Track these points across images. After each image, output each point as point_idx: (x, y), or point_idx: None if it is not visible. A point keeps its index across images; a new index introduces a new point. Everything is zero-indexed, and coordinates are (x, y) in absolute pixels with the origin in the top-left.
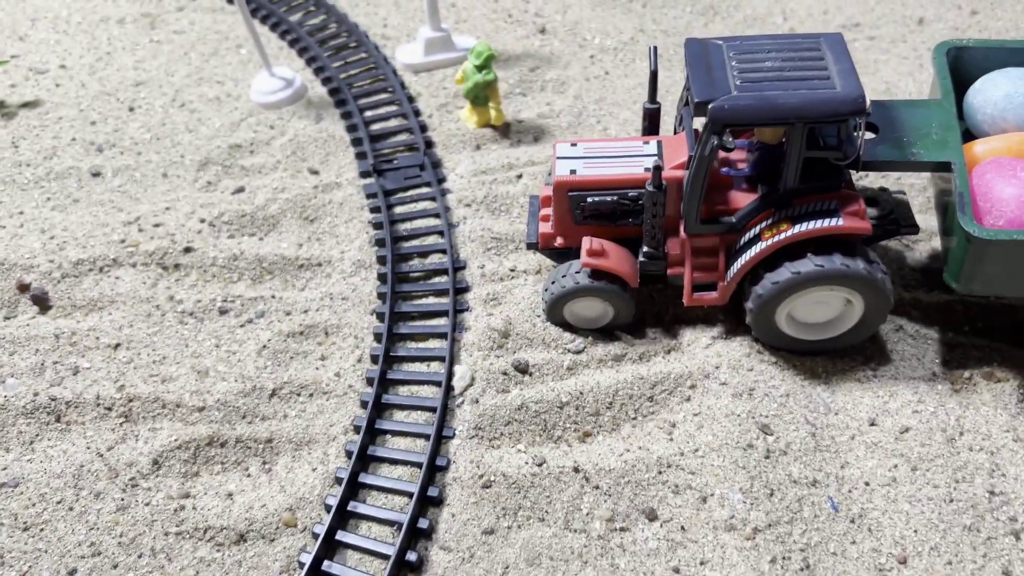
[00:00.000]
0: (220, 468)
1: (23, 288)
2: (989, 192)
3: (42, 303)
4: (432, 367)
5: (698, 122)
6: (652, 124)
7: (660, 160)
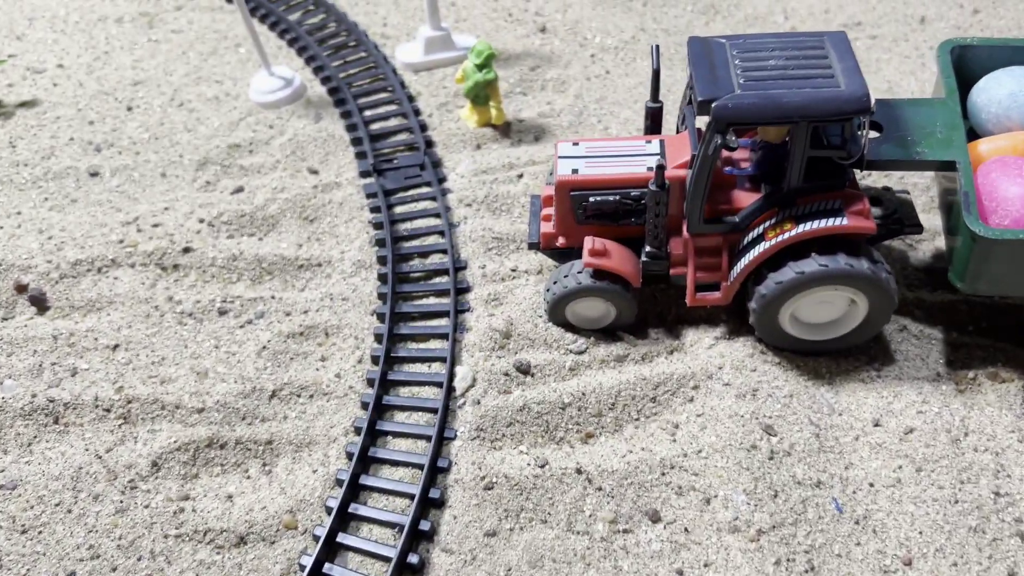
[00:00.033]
0: (220, 470)
1: (21, 289)
2: (994, 191)
3: (40, 304)
4: (433, 368)
5: (701, 121)
6: (654, 123)
7: (663, 159)
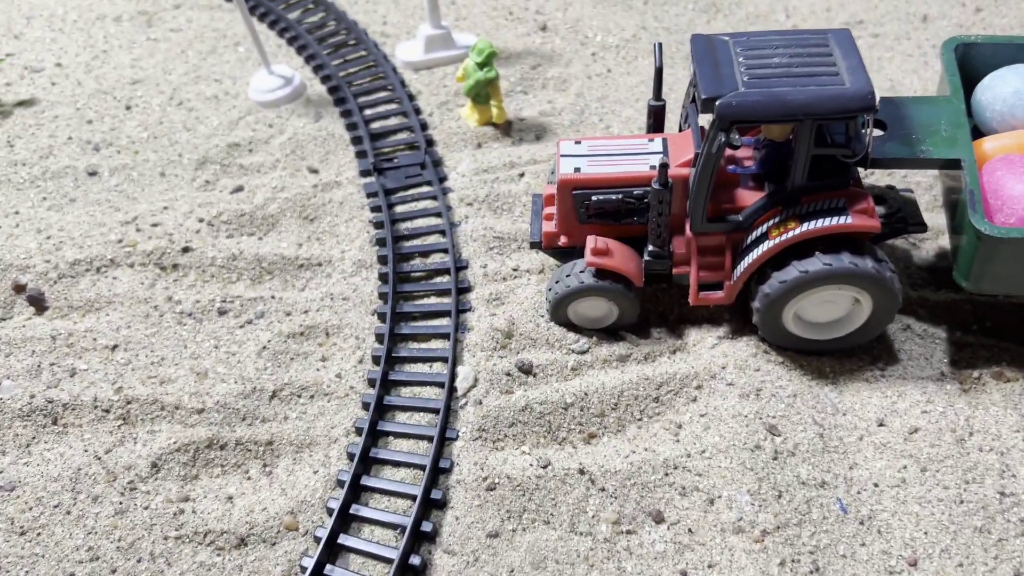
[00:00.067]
0: (220, 471)
1: (19, 289)
2: (1000, 189)
3: (38, 304)
4: (435, 368)
5: (704, 119)
6: (657, 121)
7: (666, 157)
